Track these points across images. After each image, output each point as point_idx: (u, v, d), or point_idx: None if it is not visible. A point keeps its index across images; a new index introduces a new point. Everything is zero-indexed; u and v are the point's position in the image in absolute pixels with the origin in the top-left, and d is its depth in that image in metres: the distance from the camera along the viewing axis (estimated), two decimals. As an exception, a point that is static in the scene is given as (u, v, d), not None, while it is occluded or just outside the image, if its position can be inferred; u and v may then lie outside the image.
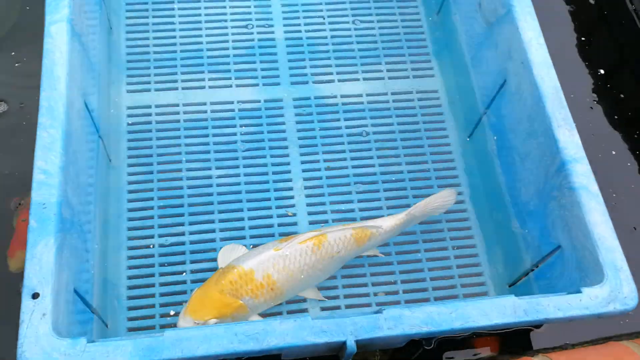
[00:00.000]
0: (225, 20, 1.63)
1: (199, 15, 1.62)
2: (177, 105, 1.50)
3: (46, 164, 0.99)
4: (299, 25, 1.64)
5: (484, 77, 1.42)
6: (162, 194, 1.39)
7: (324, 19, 1.66)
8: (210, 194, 1.41)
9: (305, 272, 1.18)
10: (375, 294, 1.34)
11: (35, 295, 0.90)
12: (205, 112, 1.50)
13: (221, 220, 1.38)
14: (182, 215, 1.38)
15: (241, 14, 1.64)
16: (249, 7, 1.65)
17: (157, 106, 1.49)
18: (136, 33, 1.58)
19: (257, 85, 1.55)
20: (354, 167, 1.47)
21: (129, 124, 1.46)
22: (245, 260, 1.14)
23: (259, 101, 1.53)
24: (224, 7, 1.64)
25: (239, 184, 1.42)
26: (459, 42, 1.53)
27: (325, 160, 1.47)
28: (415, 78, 1.60)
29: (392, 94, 1.58)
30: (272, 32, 1.62)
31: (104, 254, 1.25)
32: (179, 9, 1.62)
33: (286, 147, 1.48)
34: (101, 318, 1.16)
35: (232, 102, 1.52)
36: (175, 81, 1.53)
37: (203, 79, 1.54)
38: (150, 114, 1.48)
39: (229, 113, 1.50)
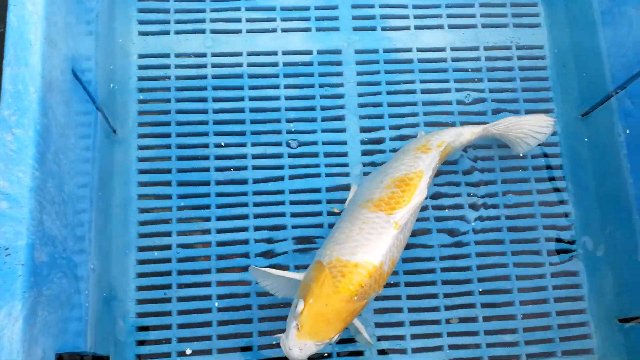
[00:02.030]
0: None
1: None
2: (204, 55, 1.14)
3: (10, 184, 0.68)
4: (366, -55, 1.23)
5: (622, 43, 1.04)
6: (183, 176, 1.08)
7: (399, -64, 1.24)
8: (244, 181, 1.09)
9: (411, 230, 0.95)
10: (448, 321, 1.06)
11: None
12: (241, 65, 1.14)
13: (257, 216, 1.07)
14: (207, 207, 1.07)
15: None
16: None
17: (177, 55, 1.14)
18: (152, -53, 1.19)
19: (308, 30, 1.17)
20: (430, 150, 1.13)
21: (140, 79, 1.12)
22: (371, 255, 0.86)
23: (311, 52, 1.16)
24: None
25: (281, 167, 1.10)
26: (586, -14, 1.13)
27: (391, 139, 1.13)
28: (516, 28, 1.21)
29: (485, 48, 1.20)
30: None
31: (105, 263, 0.96)
32: None
33: (342, 118, 1.14)
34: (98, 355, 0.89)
35: (275, 53, 1.15)
36: (203, 21, 1.16)
37: (239, 19, 1.16)
38: (168, 66, 1.13)
39: (271, 68, 1.14)
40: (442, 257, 1.08)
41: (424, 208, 1.09)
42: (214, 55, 1.14)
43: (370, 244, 0.87)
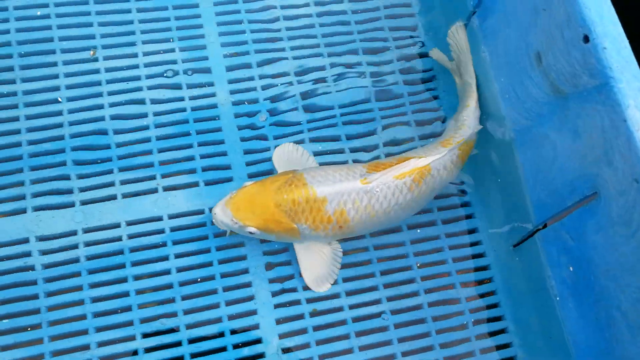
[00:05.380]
0: (138, 67, 1.06)
1: (98, 73, 1.05)
2: (75, 232, 0.95)
3: None
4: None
5: (548, 172, 0.93)
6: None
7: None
8: (137, 385, 0.91)
9: (394, 212, 0.93)
10: None
11: None
12: (120, 239, 0.96)
13: None
14: None
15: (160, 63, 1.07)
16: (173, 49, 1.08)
17: (40, 238, 0.94)
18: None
19: (195, 184, 1.01)
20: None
21: (-6, 279, 0.92)
22: (320, 184, 0.89)
23: (202, 211, 1.00)
24: (134, 53, 1.07)
25: (181, 358, 0.93)
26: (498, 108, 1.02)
27: (308, 300, 0.98)
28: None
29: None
30: (213, 95, 1.07)
31: None
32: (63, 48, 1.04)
33: (249, 285, 0.97)
34: None
35: (160, 218, 0.98)
36: (69, 191, 0.97)
37: (112, 183, 0.99)
38: (28, 254, 0.93)
39: (158, 237, 0.97)
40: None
41: None
42: (86, 231, 0.96)
43: (328, 179, 0.89)
